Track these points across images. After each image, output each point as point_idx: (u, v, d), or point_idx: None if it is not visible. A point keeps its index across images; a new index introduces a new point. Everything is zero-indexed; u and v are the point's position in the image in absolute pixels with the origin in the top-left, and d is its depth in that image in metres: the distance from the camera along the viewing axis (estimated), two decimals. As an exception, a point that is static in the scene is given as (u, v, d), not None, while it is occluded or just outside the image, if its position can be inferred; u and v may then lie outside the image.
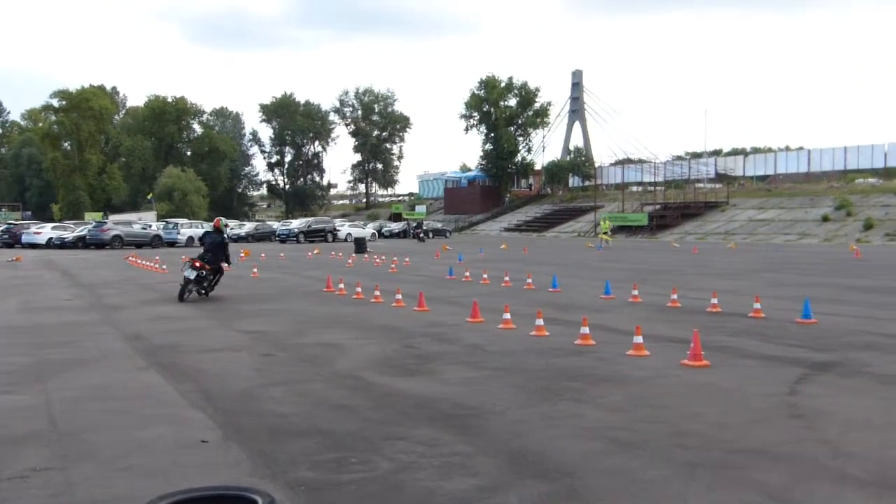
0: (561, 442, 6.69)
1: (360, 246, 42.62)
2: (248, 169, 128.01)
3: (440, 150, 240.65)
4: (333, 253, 41.53)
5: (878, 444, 6.59)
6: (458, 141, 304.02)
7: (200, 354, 11.29)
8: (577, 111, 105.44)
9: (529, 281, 21.37)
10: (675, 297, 16.99)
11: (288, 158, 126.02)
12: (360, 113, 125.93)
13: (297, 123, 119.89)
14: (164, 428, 7.25)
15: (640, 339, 10.92)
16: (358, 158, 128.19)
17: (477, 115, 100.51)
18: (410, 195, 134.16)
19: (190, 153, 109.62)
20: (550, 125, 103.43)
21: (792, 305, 15.71)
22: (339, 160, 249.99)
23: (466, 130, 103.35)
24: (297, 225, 64.91)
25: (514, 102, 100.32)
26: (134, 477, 5.89)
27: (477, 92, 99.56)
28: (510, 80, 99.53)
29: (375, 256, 38.21)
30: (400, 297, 17.26)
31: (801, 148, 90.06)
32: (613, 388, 8.80)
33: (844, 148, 75.97)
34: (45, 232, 54.26)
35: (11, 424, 7.42)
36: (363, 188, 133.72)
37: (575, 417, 7.51)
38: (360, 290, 19.21)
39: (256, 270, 27.07)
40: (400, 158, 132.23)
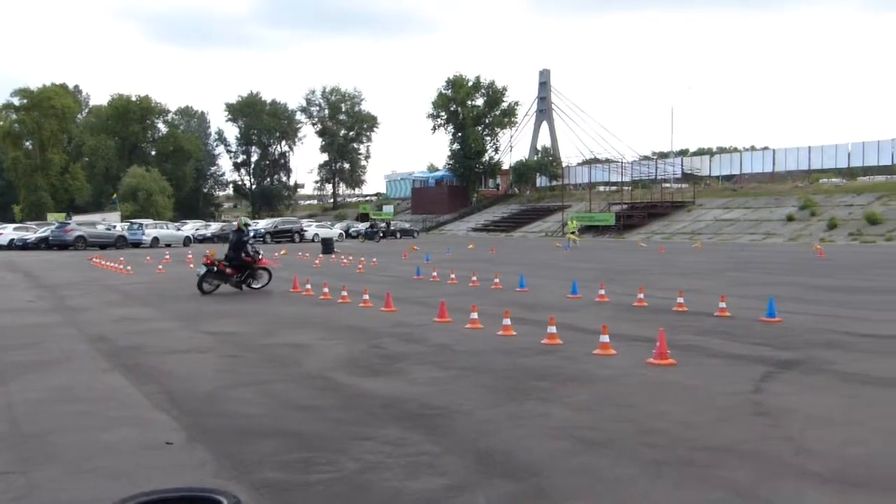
0: (528, 441, 6.70)
1: (327, 246, 42.49)
2: (213, 169, 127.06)
3: (408, 149, 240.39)
4: (300, 253, 41.33)
5: (839, 441, 6.67)
6: (425, 141, 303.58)
7: (165, 356, 11.19)
8: (544, 111, 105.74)
9: (497, 281, 21.41)
10: (641, 296, 17.10)
11: (254, 158, 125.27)
12: (326, 112, 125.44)
13: (263, 123, 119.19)
14: (128, 430, 7.17)
15: (606, 338, 10.97)
16: (325, 158, 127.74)
17: (444, 114, 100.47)
18: (378, 195, 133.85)
19: (154, 153, 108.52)
20: (518, 125, 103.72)
21: (757, 304, 15.87)
22: (306, 160, 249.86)
23: (434, 130, 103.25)
24: (263, 225, 64.49)
25: (481, 102, 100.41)
26: (98, 479, 5.83)
27: (444, 91, 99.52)
28: (477, 79, 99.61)
29: (343, 257, 38.08)
30: (367, 297, 17.22)
31: (766, 148, 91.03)
32: (580, 387, 8.84)
33: (809, 148, 76.84)
34: (6, 233, 53.46)
35: (-29, 428, 7.30)
36: (330, 188, 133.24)
37: (542, 417, 7.53)
38: (327, 290, 19.14)
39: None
40: (367, 158, 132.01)
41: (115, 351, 11.69)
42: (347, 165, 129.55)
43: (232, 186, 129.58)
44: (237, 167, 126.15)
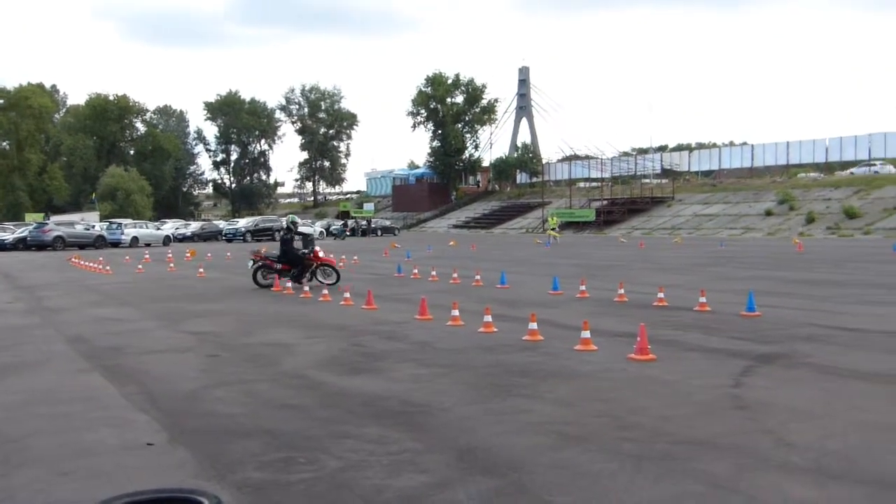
0: (509, 437, 6.71)
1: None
2: (193, 168, 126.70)
3: (388, 147, 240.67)
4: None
5: (818, 434, 6.71)
6: (405, 138, 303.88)
7: (145, 356, 11.12)
8: (524, 108, 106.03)
9: (478, 278, 21.43)
10: (622, 291, 17.15)
11: (234, 157, 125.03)
12: (306, 110, 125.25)
13: (242, 121, 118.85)
14: (108, 431, 7.12)
15: (587, 334, 10.99)
16: (305, 156, 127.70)
17: (424, 112, 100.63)
18: (358, 193, 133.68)
19: (133, 152, 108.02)
20: (498, 122, 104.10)
21: (736, 299, 15.96)
22: (285, 158, 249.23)
23: (414, 128, 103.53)
24: (243, 224, 64.27)
25: (461, 99, 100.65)
26: (78, 481, 5.78)
27: (424, 89, 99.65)
28: (457, 76, 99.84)
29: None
30: (348, 295, 17.19)
31: (744, 143, 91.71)
32: (561, 382, 8.85)
33: (787, 143, 77.46)
34: (-17, 235, 53.00)
35: (-52, 431, 7.23)
36: (310, 186, 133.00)
37: (523, 413, 7.54)
38: (307, 288, 19.11)
39: (203, 270, 26.78)
40: (347, 156, 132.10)
41: (94, 352, 11.61)
42: (327, 163, 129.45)
43: (211, 185, 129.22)
44: (217, 166, 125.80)
